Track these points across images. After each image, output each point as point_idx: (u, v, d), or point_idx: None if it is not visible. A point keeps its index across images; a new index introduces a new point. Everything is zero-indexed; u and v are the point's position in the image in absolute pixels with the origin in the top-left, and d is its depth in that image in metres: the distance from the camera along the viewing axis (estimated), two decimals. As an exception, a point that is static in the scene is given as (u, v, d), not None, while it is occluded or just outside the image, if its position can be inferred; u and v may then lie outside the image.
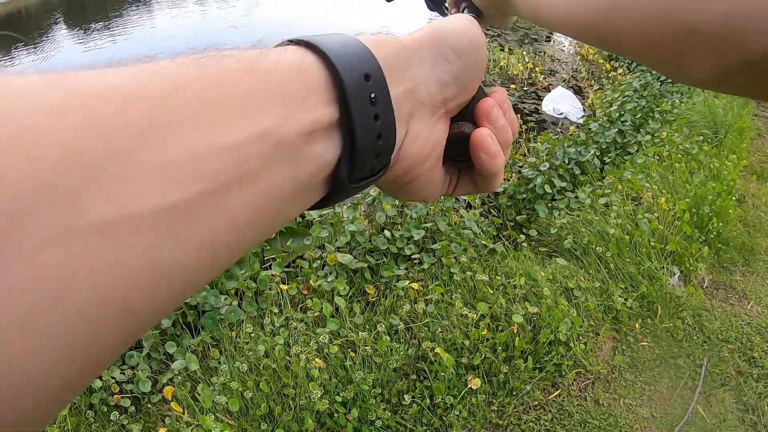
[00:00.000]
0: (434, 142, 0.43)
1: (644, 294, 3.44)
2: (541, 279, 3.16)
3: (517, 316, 2.83)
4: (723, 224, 4.32)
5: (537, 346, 2.91)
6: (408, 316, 2.97)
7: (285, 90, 0.31)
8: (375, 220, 3.64)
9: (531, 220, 3.95)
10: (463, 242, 3.37)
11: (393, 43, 0.40)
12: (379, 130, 0.35)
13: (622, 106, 6.25)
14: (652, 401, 3.00)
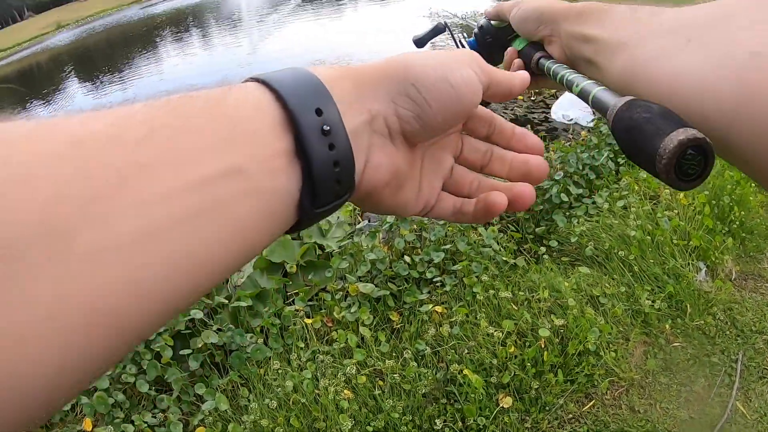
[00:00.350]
0: (394, 171, 0.45)
1: (671, 293, 3.38)
2: (565, 290, 3.13)
3: (543, 330, 2.81)
4: (745, 213, 4.25)
5: (566, 358, 2.88)
6: (434, 340, 2.96)
7: (247, 129, 0.35)
8: (394, 247, 3.65)
9: (550, 231, 3.92)
10: (483, 261, 3.36)
11: (350, 75, 0.43)
12: (336, 158, 0.38)
13: (632, 104, 6.21)
14: (689, 402, 2.94)
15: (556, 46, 0.72)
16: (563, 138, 6.61)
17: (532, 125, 7.25)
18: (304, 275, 3.87)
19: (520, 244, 3.88)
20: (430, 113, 0.44)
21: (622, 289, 3.34)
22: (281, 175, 0.36)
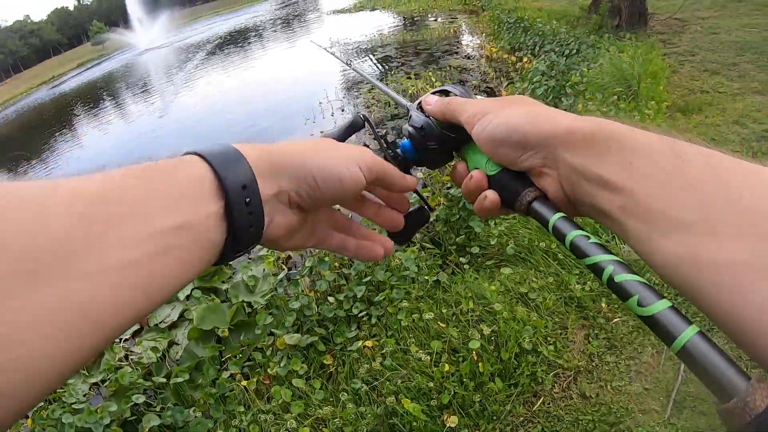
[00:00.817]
0: (288, 228, 0.58)
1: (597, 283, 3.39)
2: (491, 295, 3.10)
3: (473, 342, 2.76)
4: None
5: (504, 363, 2.84)
6: (369, 375, 2.89)
7: (193, 194, 0.47)
8: (317, 289, 3.59)
9: (471, 238, 3.90)
10: (405, 285, 3.32)
11: (268, 158, 0.55)
12: (252, 222, 0.51)
13: (533, 93, 6.27)
14: (640, 375, 2.91)
15: (550, 180, 0.57)
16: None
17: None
18: (237, 337, 3.80)
19: (444, 257, 3.85)
20: (320, 196, 0.58)
21: (551, 280, 3.33)
22: (215, 230, 0.48)
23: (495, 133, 0.59)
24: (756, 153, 4.80)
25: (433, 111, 0.70)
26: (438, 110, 0.70)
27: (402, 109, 0.85)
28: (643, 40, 8.92)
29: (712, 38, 8.70)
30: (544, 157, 0.56)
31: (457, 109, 0.66)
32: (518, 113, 0.59)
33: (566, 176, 0.54)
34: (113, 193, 0.41)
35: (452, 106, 0.67)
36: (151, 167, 0.46)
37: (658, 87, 6.44)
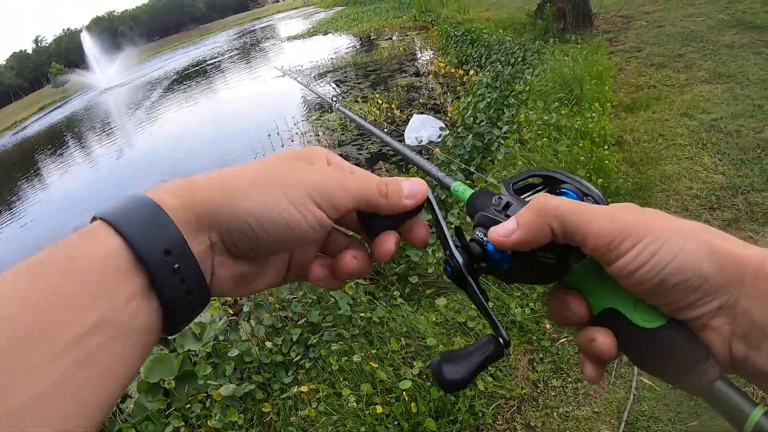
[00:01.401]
0: (238, 278, 0.49)
1: (543, 292, 3.29)
2: (427, 328, 3.00)
3: (404, 383, 2.65)
4: (604, 177, 4.25)
5: (440, 401, 2.73)
6: (304, 422, 2.77)
7: (104, 279, 0.38)
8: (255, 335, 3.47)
9: (410, 266, 3.80)
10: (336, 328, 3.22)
11: (191, 206, 0.44)
12: (188, 289, 0.43)
13: (476, 107, 6.22)
14: (589, 398, 2.82)
15: (716, 334, 0.44)
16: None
17: (387, 158, 7.24)
18: (183, 388, 3.68)
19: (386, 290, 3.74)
20: (265, 245, 0.47)
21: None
22: (140, 313, 0.40)
23: (666, 275, 0.43)
24: (705, 144, 4.78)
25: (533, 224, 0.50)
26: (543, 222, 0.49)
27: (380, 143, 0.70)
28: (589, 41, 8.96)
29: (658, 32, 8.77)
30: (719, 306, 0.43)
31: (580, 227, 0.47)
32: (692, 245, 0.43)
33: (744, 332, 0.42)
34: (3, 310, 0.34)
35: (568, 218, 0.48)
36: (49, 257, 0.39)
37: (604, 87, 6.43)
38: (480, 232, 0.55)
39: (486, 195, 0.60)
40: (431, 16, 19.96)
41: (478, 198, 0.60)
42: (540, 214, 0.49)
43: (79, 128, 25.82)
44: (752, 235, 3.53)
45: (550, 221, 0.48)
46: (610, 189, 4.25)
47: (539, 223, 0.49)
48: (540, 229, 0.49)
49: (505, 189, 0.59)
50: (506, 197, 0.56)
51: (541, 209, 0.49)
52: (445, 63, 11.57)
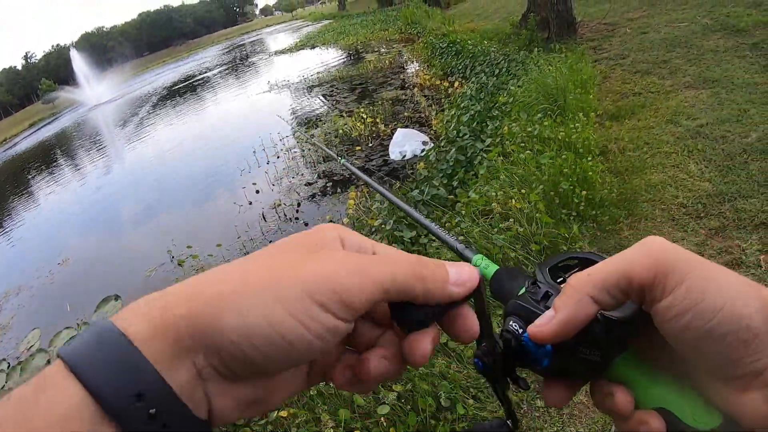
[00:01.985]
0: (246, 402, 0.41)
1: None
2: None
3: (383, 408, 2.59)
4: (588, 189, 4.21)
5: (422, 424, 2.66)
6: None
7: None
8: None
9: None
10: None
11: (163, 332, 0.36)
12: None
13: (459, 120, 6.18)
14: (573, 418, 2.77)
15: (762, 397, 0.40)
16: (401, 174, 6.63)
17: (372, 172, 7.21)
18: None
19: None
20: (263, 366, 0.38)
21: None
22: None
23: (715, 324, 0.39)
24: (692, 151, 4.75)
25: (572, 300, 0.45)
26: (582, 295, 0.44)
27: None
28: (573, 50, 8.96)
29: (642, 38, 8.79)
30: (765, 366, 0.40)
31: (622, 274, 0.43)
32: (744, 295, 0.40)
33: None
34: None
35: (606, 274, 0.44)
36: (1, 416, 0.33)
37: (588, 96, 6.41)
38: (515, 323, 0.50)
39: (514, 274, 0.55)
40: (417, 28, 20.07)
41: (505, 277, 0.55)
42: (576, 289, 0.45)
43: (69, 144, 25.79)
44: (740, 243, 3.48)
45: (588, 291, 0.44)
46: (594, 200, 4.20)
47: (578, 298, 0.44)
48: (580, 305, 0.44)
49: (542, 274, 0.53)
50: (544, 286, 0.51)
51: (575, 284, 0.45)
52: (430, 75, 11.58)
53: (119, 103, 35.67)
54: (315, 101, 13.78)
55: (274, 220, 7.08)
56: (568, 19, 10.22)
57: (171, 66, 59.94)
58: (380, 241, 4.03)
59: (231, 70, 31.96)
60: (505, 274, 0.55)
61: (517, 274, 0.54)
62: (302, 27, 53.56)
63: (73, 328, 5.96)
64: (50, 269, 8.46)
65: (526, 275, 0.54)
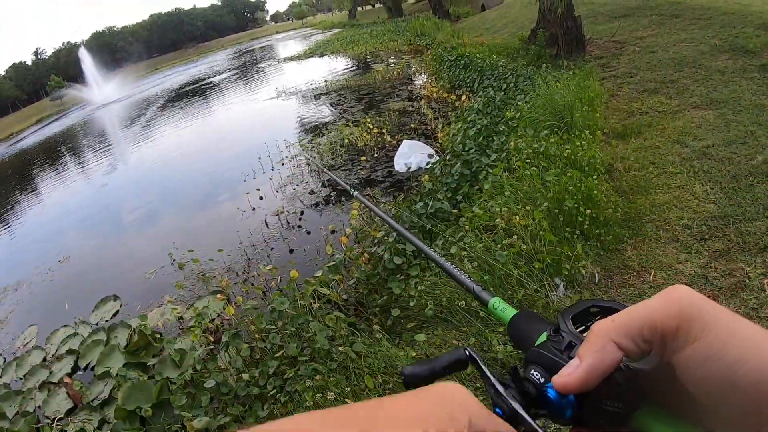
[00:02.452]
0: None
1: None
2: (405, 364, 2.91)
3: None
4: (593, 208, 4.18)
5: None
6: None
7: None
8: (232, 366, 3.40)
9: (392, 299, 3.72)
10: (313, 363, 3.14)
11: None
12: None
13: (465, 134, 6.17)
14: (571, 437, 2.74)
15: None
16: (406, 186, 6.62)
17: (376, 183, 7.19)
18: (160, 416, 3.62)
19: (367, 322, 3.66)
20: None
21: (472, 341, 3.15)
22: None
23: (742, 375, 0.38)
24: (697, 172, 4.73)
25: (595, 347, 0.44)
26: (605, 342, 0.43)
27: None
28: (581, 67, 8.96)
29: (650, 57, 8.78)
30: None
31: (645, 322, 0.42)
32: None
33: None
34: None
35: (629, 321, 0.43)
36: None
37: (595, 114, 6.40)
38: (537, 372, 0.49)
39: (532, 319, 0.55)
40: (426, 40, 20.15)
41: (523, 321, 0.55)
42: (600, 336, 0.44)
43: (75, 142, 25.84)
44: (744, 266, 3.46)
45: (612, 337, 0.43)
46: (599, 219, 4.18)
47: (602, 345, 0.43)
48: (605, 351, 0.43)
49: (565, 323, 0.52)
50: (568, 335, 0.50)
51: (599, 331, 0.44)
52: (437, 87, 11.58)
53: (126, 103, 35.74)
54: (322, 109, 13.83)
55: (276, 227, 7.06)
56: (577, 35, 10.22)
57: (180, 68, 60.12)
58: (383, 253, 4.00)
59: (240, 75, 32.04)
60: (523, 318, 0.55)
61: (535, 318, 0.54)
62: (312, 35, 53.76)
63: (70, 326, 5.97)
64: (50, 266, 8.45)
65: (544, 320, 0.54)
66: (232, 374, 3.38)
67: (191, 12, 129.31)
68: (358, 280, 3.99)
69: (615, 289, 3.62)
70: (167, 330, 5.23)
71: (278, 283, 5.30)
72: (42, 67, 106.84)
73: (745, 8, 9.54)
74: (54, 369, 5.18)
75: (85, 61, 71.67)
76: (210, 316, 4.77)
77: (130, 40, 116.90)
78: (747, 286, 3.28)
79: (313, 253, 5.95)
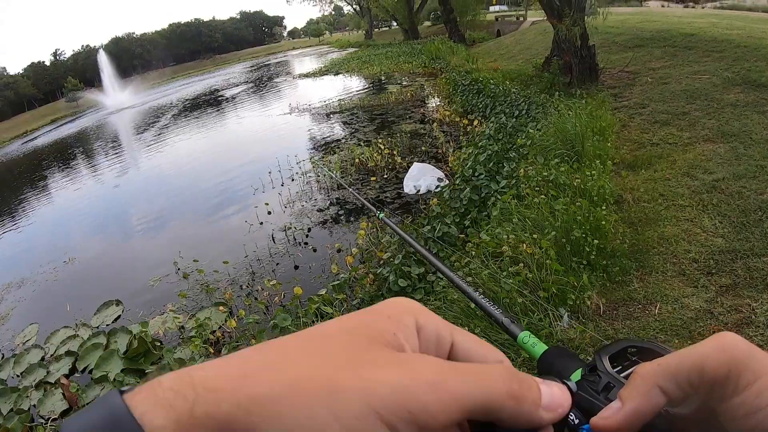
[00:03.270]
0: None
1: (528, 358, 3.17)
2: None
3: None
4: (600, 239, 4.17)
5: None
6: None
7: None
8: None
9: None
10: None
11: (197, 422, 0.28)
12: None
13: (476, 159, 6.19)
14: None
15: None
16: (414, 209, 6.63)
17: (385, 204, 7.21)
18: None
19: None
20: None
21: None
22: None
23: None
24: (706, 205, 4.72)
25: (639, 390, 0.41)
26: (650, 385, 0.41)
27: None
28: (594, 96, 8.98)
29: (663, 88, 8.79)
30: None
31: (694, 366, 0.40)
32: None
33: None
34: None
35: (677, 366, 0.41)
36: None
37: (606, 144, 6.40)
38: (572, 413, 0.44)
39: (564, 355, 0.53)
40: (440, 63, 20.22)
41: (555, 357, 0.53)
42: (645, 380, 0.41)
43: (88, 145, 25.99)
44: (750, 302, 3.44)
45: (657, 381, 0.41)
46: (606, 250, 4.17)
47: (647, 389, 0.41)
48: (649, 396, 0.41)
49: (602, 363, 0.50)
50: (606, 376, 0.48)
51: (644, 374, 0.42)
52: (450, 111, 11.63)
53: (142, 109, 35.93)
54: (334, 127, 13.92)
55: (283, 242, 7.07)
56: (591, 64, 10.26)
57: (196, 78, 60.51)
58: (388, 275, 4.00)
59: (255, 88, 32.20)
60: (555, 353, 0.54)
61: (568, 354, 0.53)
62: (328, 53, 54.07)
63: (71, 328, 5.97)
64: (55, 266, 8.49)
65: (577, 357, 0.52)
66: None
67: (210, 23, 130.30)
68: (362, 300, 3.99)
69: (619, 321, 3.59)
70: (168, 338, 5.23)
71: (282, 299, 5.30)
72: (60, 67, 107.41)
73: (758, 41, 9.57)
74: (52, 369, 5.20)
75: (102, 65, 72.29)
76: (211, 328, 4.77)
77: (148, 47, 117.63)
78: (753, 322, 3.26)
79: (318, 270, 5.96)
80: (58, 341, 5.75)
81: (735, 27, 11.67)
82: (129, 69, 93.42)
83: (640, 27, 13.49)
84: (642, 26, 13.62)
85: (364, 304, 4.09)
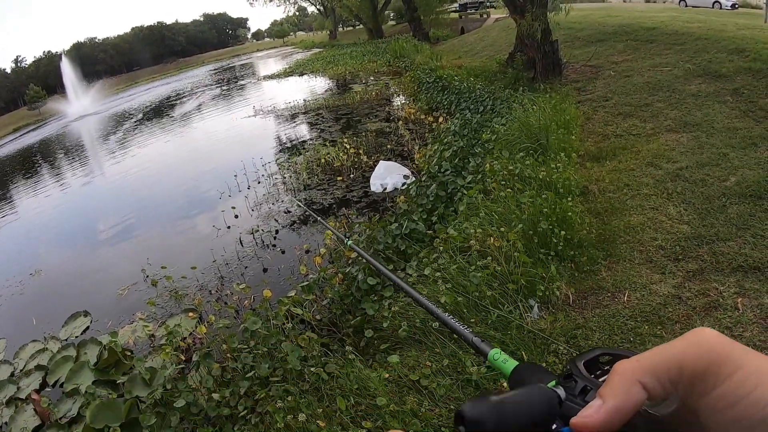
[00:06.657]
0: None
1: (503, 346, 3.18)
2: (378, 386, 2.88)
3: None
4: (567, 230, 4.19)
5: (389, 464, 2.60)
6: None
7: None
8: (203, 385, 3.34)
9: (366, 320, 3.69)
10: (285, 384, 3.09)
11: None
12: None
13: (442, 155, 6.20)
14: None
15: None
16: (381, 207, 6.62)
17: (351, 203, 7.19)
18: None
19: (341, 342, 3.63)
20: None
21: (446, 362, 3.11)
22: None
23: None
24: (671, 194, 4.77)
25: (620, 387, 0.41)
26: (631, 382, 0.41)
27: None
28: (558, 90, 9.06)
29: (626, 81, 8.91)
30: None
31: (672, 362, 0.40)
32: None
33: None
34: None
35: (656, 363, 0.41)
36: None
37: (570, 137, 6.45)
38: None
39: (538, 370, 0.53)
40: (405, 61, 20.28)
41: (527, 372, 0.53)
42: (625, 376, 0.41)
43: (51, 154, 25.49)
44: (717, 286, 3.48)
45: (638, 377, 0.41)
46: (573, 241, 4.20)
47: (628, 385, 0.41)
48: (631, 391, 0.41)
49: (578, 368, 0.50)
50: (582, 380, 0.48)
51: (623, 371, 0.42)
52: (415, 109, 11.65)
53: (105, 116, 35.40)
54: (300, 128, 13.85)
55: (251, 246, 7.00)
56: (554, 59, 10.35)
57: (160, 82, 59.81)
58: (357, 273, 3.98)
59: (219, 91, 31.93)
60: (527, 369, 0.54)
61: (539, 369, 0.52)
62: (292, 53, 53.90)
63: (40, 342, 5.84)
64: (21, 280, 8.27)
65: (548, 371, 0.51)
66: (203, 394, 3.32)
67: (173, 27, 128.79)
68: (332, 300, 3.97)
69: (589, 310, 3.62)
70: (138, 348, 5.14)
71: (251, 302, 5.26)
72: (21, 75, 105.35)
73: (719, 34, 9.75)
74: (22, 384, 5.06)
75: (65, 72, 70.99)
76: (182, 335, 4.70)
77: (111, 52, 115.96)
78: (721, 305, 3.31)
79: (287, 272, 5.91)
80: (27, 355, 5.61)
81: (695, 20, 11.89)
82: (92, 74, 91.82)
83: (602, 22, 13.66)
84: (604, 21, 13.79)
85: (333, 304, 4.06)
